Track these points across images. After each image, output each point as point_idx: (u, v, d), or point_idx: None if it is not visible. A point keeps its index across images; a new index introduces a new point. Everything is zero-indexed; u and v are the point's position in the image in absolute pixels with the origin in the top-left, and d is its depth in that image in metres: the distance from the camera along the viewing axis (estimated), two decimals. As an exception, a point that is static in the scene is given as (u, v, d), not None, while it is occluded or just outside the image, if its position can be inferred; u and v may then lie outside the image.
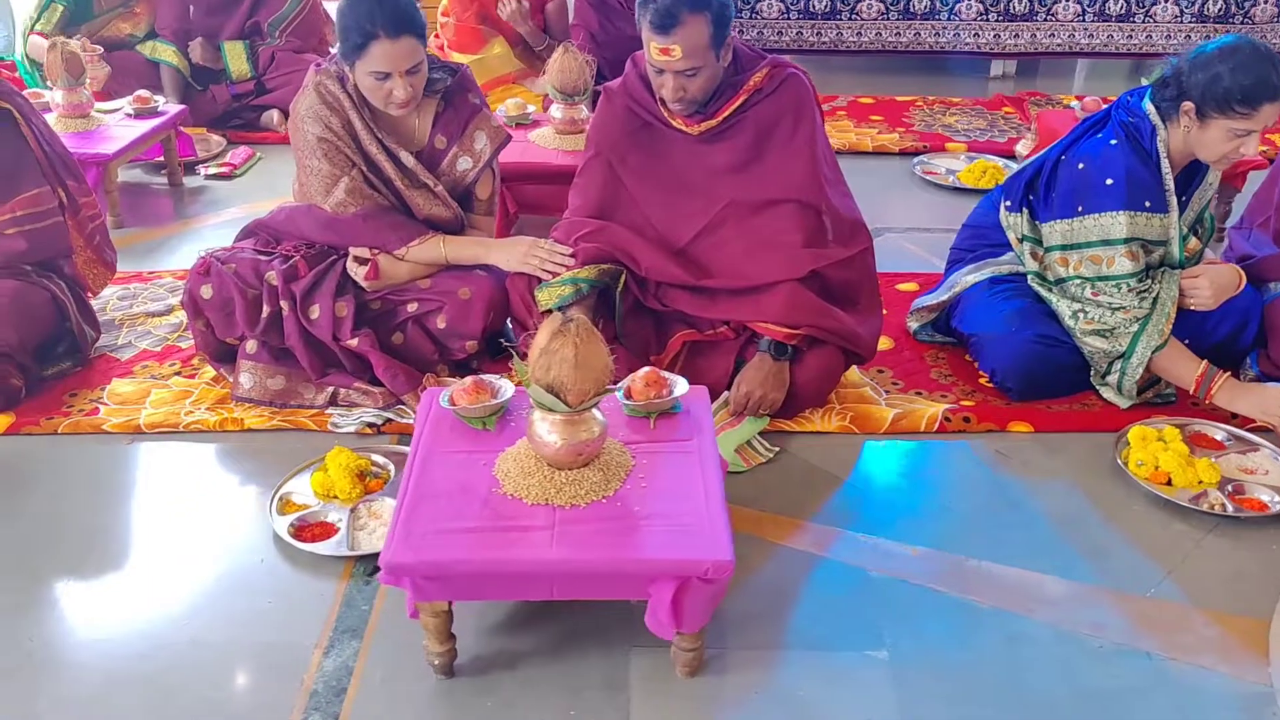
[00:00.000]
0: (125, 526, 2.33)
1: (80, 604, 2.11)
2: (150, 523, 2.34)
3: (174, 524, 2.33)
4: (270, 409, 2.67)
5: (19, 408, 2.66)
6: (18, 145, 2.69)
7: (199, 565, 2.21)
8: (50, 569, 2.19)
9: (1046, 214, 2.83)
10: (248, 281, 2.68)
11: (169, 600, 2.12)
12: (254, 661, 1.98)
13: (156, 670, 1.96)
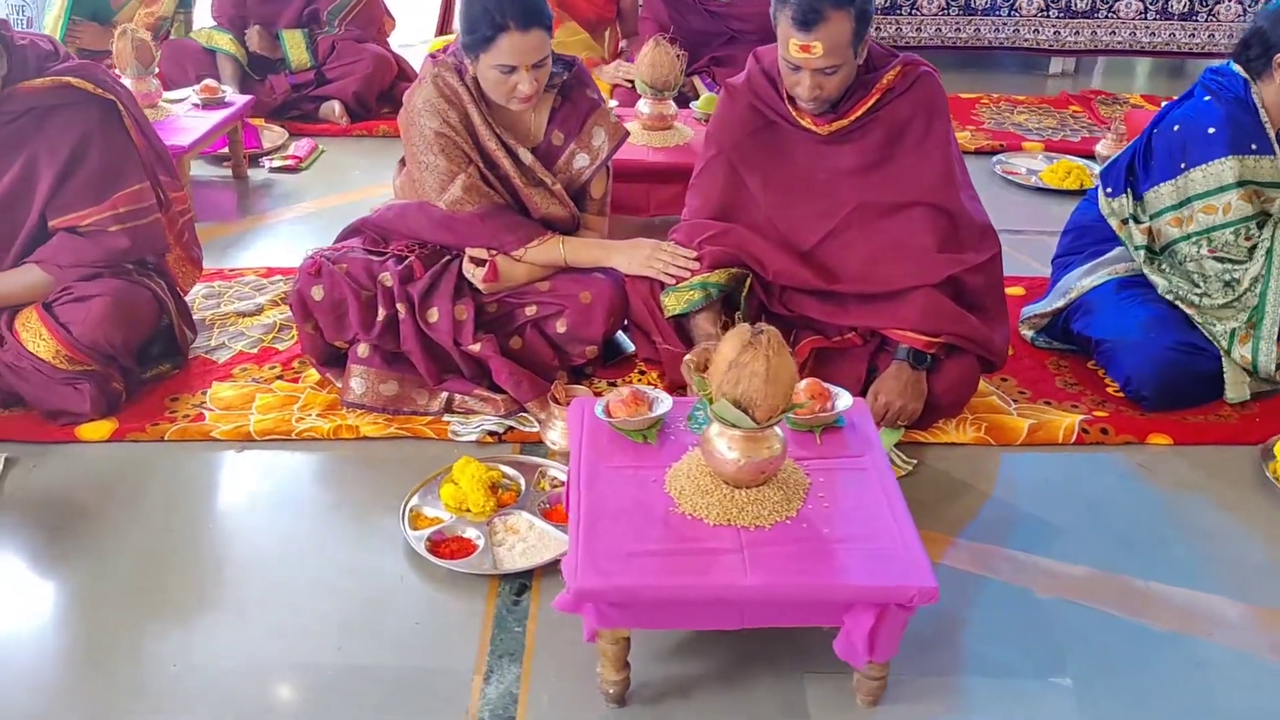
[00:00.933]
0: (249, 540, 2.23)
1: (219, 624, 2.00)
2: (275, 536, 2.23)
3: (300, 538, 2.23)
4: (383, 415, 2.57)
5: (120, 413, 2.55)
6: (122, 139, 2.57)
7: (336, 582, 2.11)
8: (180, 586, 2.09)
9: (1148, 183, 2.85)
10: (361, 283, 2.57)
11: (311, 620, 2.02)
12: (414, 688, 1.88)
13: (311, 695, 1.86)
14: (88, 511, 2.28)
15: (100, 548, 2.18)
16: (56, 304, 2.49)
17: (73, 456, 2.45)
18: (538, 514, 2.26)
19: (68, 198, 2.50)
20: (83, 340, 2.46)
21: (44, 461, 2.42)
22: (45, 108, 2.47)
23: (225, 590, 2.09)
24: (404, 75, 4.69)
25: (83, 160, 2.50)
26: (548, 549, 2.18)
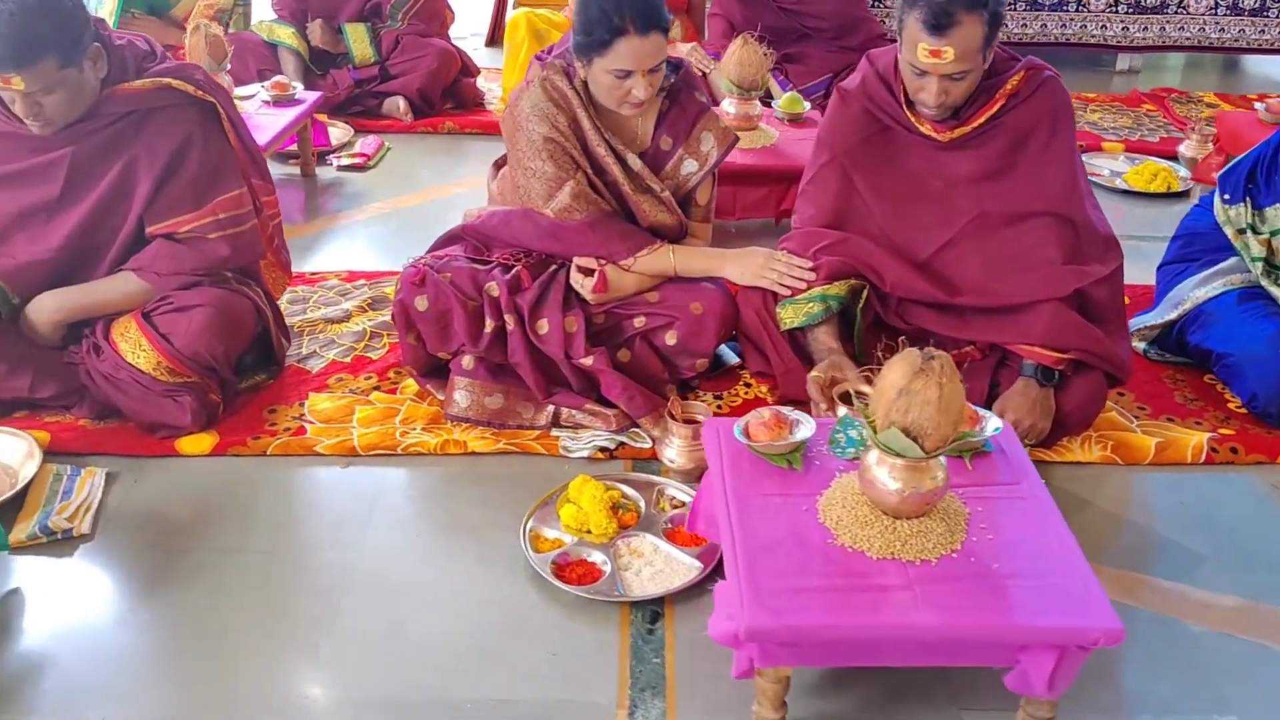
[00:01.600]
0: (366, 562, 2.14)
1: (346, 652, 1.93)
2: (391, 558, 2.15)
3: (417, 559, 2.16)
4: (489, 429, 2.49)
5: (219, 425, 2.48)
6: (220, 142, 2.48)
7: (461, 608, 2.03)
8: (299, 611, 2.01)
9: (1271, 199, 2.75)
10: (466, 293, 2.49)
11: (439, 649, 1.94)
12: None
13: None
14: (195, 530, 2.21)
15: (212, 569, 2.11)
16: (156, 314, 2.41)
17: (174, 471, 2.38)
18: (661, 536, 2.18)
19: (166, 203, 2.42)
20: (184, 351, 2.38)
21: (144, 476, 2.35)
22: (144, 110, 2.39)
23: (347, 616, 2.01)
24: (466, 71, 4.61)
25: (182, 164, 2.42)
26: (676, 574, 2.10)
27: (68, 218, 2.42)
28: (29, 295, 2.47)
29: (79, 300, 2.45)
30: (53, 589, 2.06)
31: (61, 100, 2.27)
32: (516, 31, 4.47)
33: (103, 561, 2.12)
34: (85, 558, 2.13)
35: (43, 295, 2.46)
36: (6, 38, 2.13)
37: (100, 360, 2.42)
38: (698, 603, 2.05)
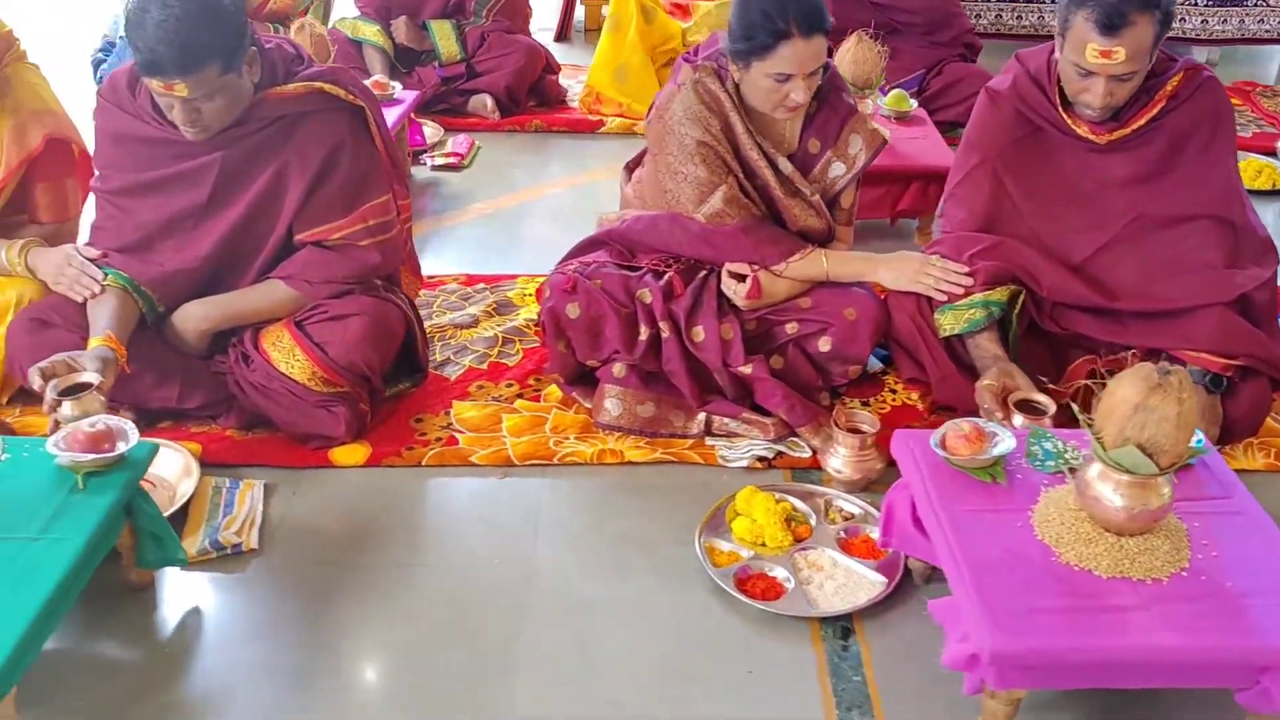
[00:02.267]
0: (544, 579, 2.10)
1: (540, 673, 1.89)
2: (569, 573, 2.12)
3: (595, 574, 2.11)
4: (640, 438, 2.46)
5: (369, 435, 2.44)
6: (369, 147, 2.44)
7: (646, 623, 2.00)
8: (484, 629, 1.97)
9: None
10: (619, 300, 2.45)
11: (633, 667, 1.91)
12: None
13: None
14: (362, 543, 2.18)
15: (385, 584, 2.07)
16: (309, 323, 2.37)
17: (330, 483, 2.34)
18: (837, 548, 2.15)
19: (316, 210, 2.38)
20: (339, 361, 2.34)
21: (302, 489, 2.32)
22: (295, 115, 2.35)
23: (532, 633, 1.97)
24: (549, 68, 4.56)
25: (333, 170, 2.38)
26: (860, 588, 2.06)
27: (216, 225, 2.38)
28: (175, 303, 2.43)
29: (227, 309, 2.42)
30: (229, 606, 2.03)
31: (220, 106, 2.23)
32: (625, 6, 4.40)
33: (274, 577, 2.09)
34: (257, 573, 2.10)
35: (190, 304, 2.42)
36: (171, 43, 2.09)
37: (250, 370, 2.39)
38: (886, 617, 2.02)
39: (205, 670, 1.89)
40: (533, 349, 2.80)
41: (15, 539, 1.74)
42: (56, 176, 2.61)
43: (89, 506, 1.82)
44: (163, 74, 2.12)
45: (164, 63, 2.11)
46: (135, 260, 2.39)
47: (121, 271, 2.37)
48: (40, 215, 2.62)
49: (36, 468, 1.90)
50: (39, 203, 2.61)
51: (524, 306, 3.01)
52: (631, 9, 4.39)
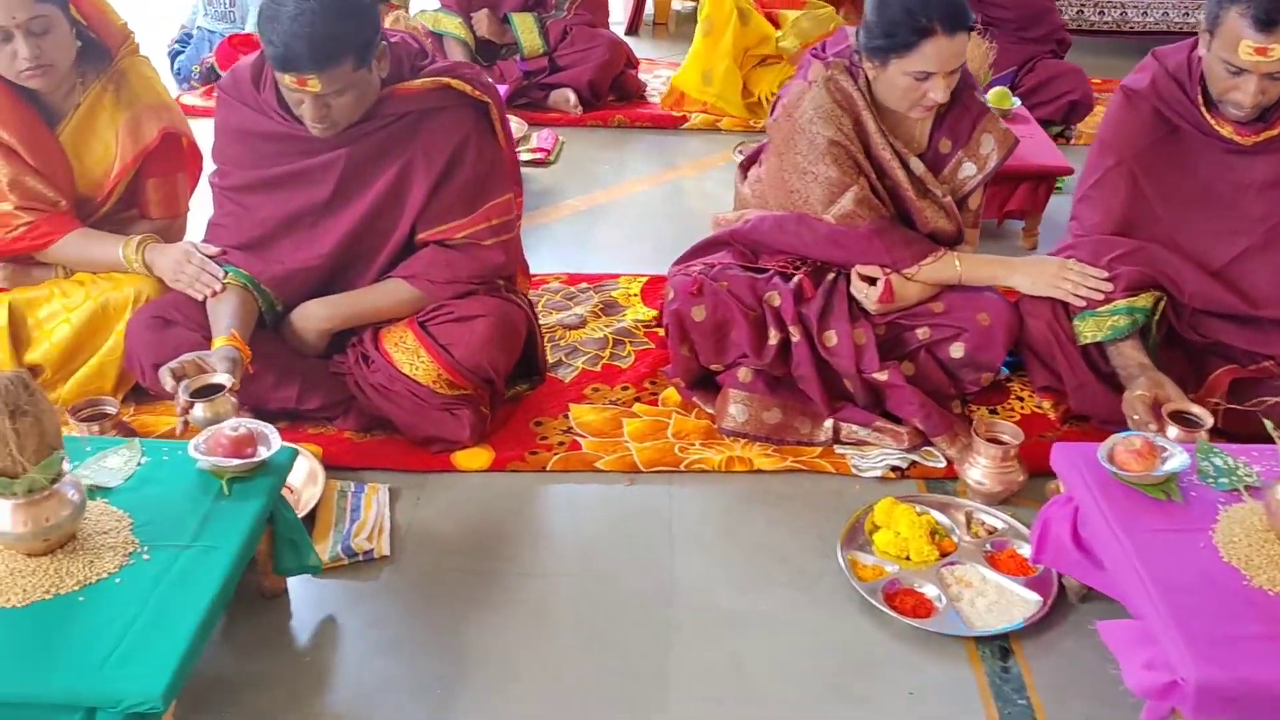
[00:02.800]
0: (686, 594, 2.04)
1: (691, 688, 1.83)
2: (710, 586, 2.05)
3: (736, 587, 2.05)
4: (766, 445, 2.39)
5: (491, 439, 2.39)
6: (493, 145, 2.38)
7: (795, 639, 1.94)
8: (634, 645, 1.92)
9: None
10: (746, 303, 2.38)
11: (786, 684, 1.85)
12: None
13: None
14: (495, 551, 2.12)
15: (524, 593, 2.02)
16: (433, 324, 2.32)
17: (455, 488, 2.29)
18: (985, 564, 2.08)
19: (440, 208, 2.32)
20: (465, 363, 2.29)
21: (427, 494, 2.27)
22: (420, 111, 2.29)
23: (681, 647, 1.91)
24: (629, 62, 4.49)
25: (458, 168, 2.32)
26: (1014, 606, 1.99)
27: (337, 222, 2.33)
28: (293, 302, 2.39)
29: (349, 308, 2.37)
30: (364, 614, 1.98)
31: (349, 102, 2.17)
32: (720, 8, 4.31)
33: (407, 585, 2.04)
34: (389, 581, 2.05)
35: (310, 303, 2.38)
36: (307, 38, 2.04)
37: (371, 371, 2.34)
38: (1044, 637, 1.95)
39: (348, 682, 1.84)
40: (644, 351, 2.74)
41: (167, 547, 1.69)
42: (168, 171, 2.56)
43: (237, 513, 1.77)
44: (296, 69, 2.07)
45: (298, 57, 2.05)
46: (255, 258, 2.35)
47: (242, 269, 2.33)
48: (151, 211, 2.58)
49: (178, 472, 1.85)
50: (150, 198, 2.56)
51: (629, 307, 2.95)
52: (727, 12, 4.29)
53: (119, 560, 1.66)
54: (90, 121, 2.46)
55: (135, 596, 1.60)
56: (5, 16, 2.23)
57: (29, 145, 2.39)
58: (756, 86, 4.36)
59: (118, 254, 2.42)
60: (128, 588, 1.62)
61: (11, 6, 2.23)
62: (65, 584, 1.61)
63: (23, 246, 2.42)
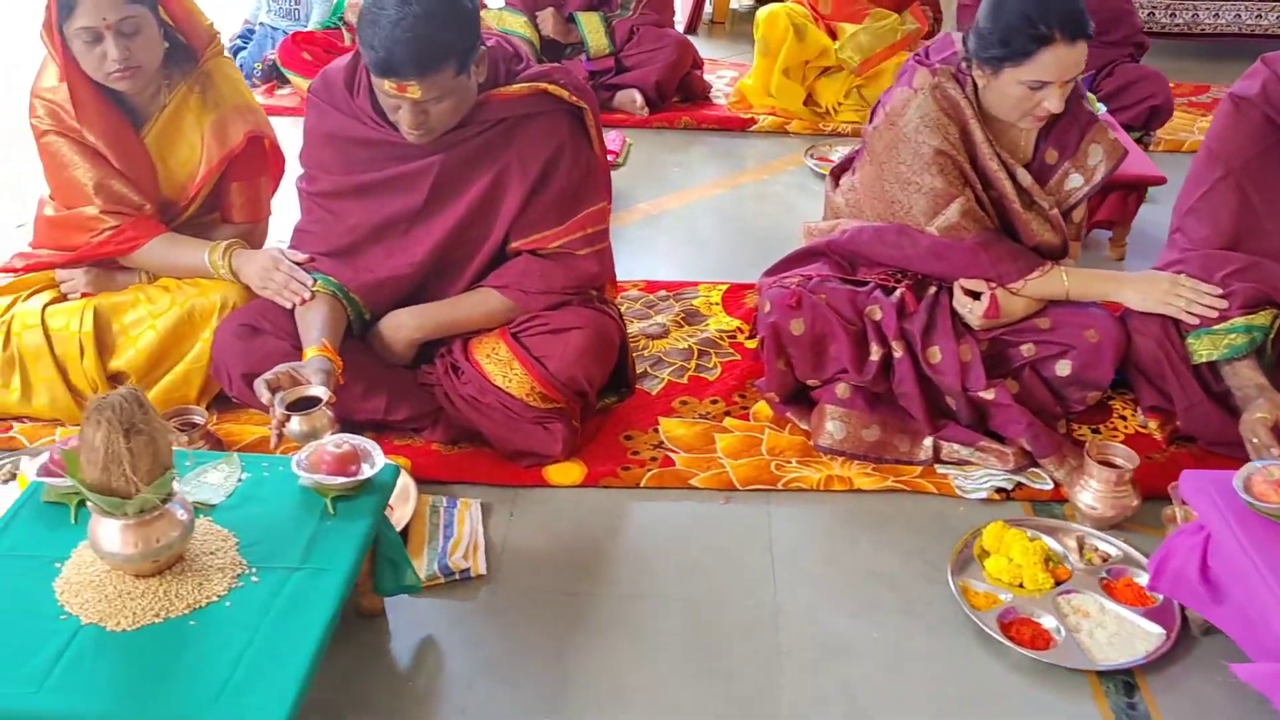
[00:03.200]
0: (786, 613, 1.98)
1: (803, 716, 1.79)
2: (811, 608, 1.99)
3: (840, 611, 1.99)
4: (864, 463, 2.33)
5: (581, 453, 2.33)
6: (588, 152, 2.31)
7: (910, 671, 1.87)
8: (739, 671, 1.85)
9: None
10: (846, 316, 2.32)
11: (902, 719, 1.79)
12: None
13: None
14: (592, 571, 2.06)
15: (627, 616, 1.96)
16: (526, 335, 2.26)
17: (547, 503, 2.23)
18: (1101, 592, 2.01)
19: (534, 217, 2.26)
20: (559, 376, 2.23)
21: (519, 509, 2.21)
22: (516, 117, 2.23)
23: (792, 675, 1.85)
24: (694, 63, 4.42)
25: (553, 175, 2.26)
26: (1135, 638, 1.91)
27: (429, 230, 2.27)
28: (381, 311, 2.34)
29: (439, 318, 2.32)
30: (464, 636, 1.92)
31: (447, 108, 2.12)
32: (775, 27, 4.23)
33: (505, 605, 1.98)
34: (487, 601, 1.99)
35: (399, 312, 2.33)
36: (410, 43, 1.98)
37: (461, 382, 2.29)
38: (1168, 672, 1.87)
39: (451, 705, 1.79)
40: (731, 363, 2.68)
41: (275, 569, 1.64)
42: (252, 175, 2.52)
43: (345, 533, 1.72)
44: (398, 75, 2.01)
45: (400, 63, 2.00)
46: (344, 265, 2.30)
47: (331, 277, 2.28)
48: (234, 215, 2.54)
49: (279, 488, 1.81)
50: (233, 202, 2.52)
51: (711, 316, 2.89)
52: (782, 30, 4.21)
53: (228, 582, 1.62)
54: (176, 124, 2.42)
55: (247, 621, 1.56)
56: (95, 17, 2.20)
57: (115, 148, 2.36)
58: (822, 96, 4.28)
59: (203, 259, 2.38)
60: (239, 611, 1.58)
61: (102, 7, 2.20)
62: (175, 607, 1.57)
63: (108, 251, 2.39)
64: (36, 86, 2.36)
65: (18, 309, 2.37)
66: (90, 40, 2.22)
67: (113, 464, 1.51)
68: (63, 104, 2.31)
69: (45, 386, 2.33)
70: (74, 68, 2.28)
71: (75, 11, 2.20)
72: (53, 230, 2.44)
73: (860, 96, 4.23)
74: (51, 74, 2.34)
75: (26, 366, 2.33)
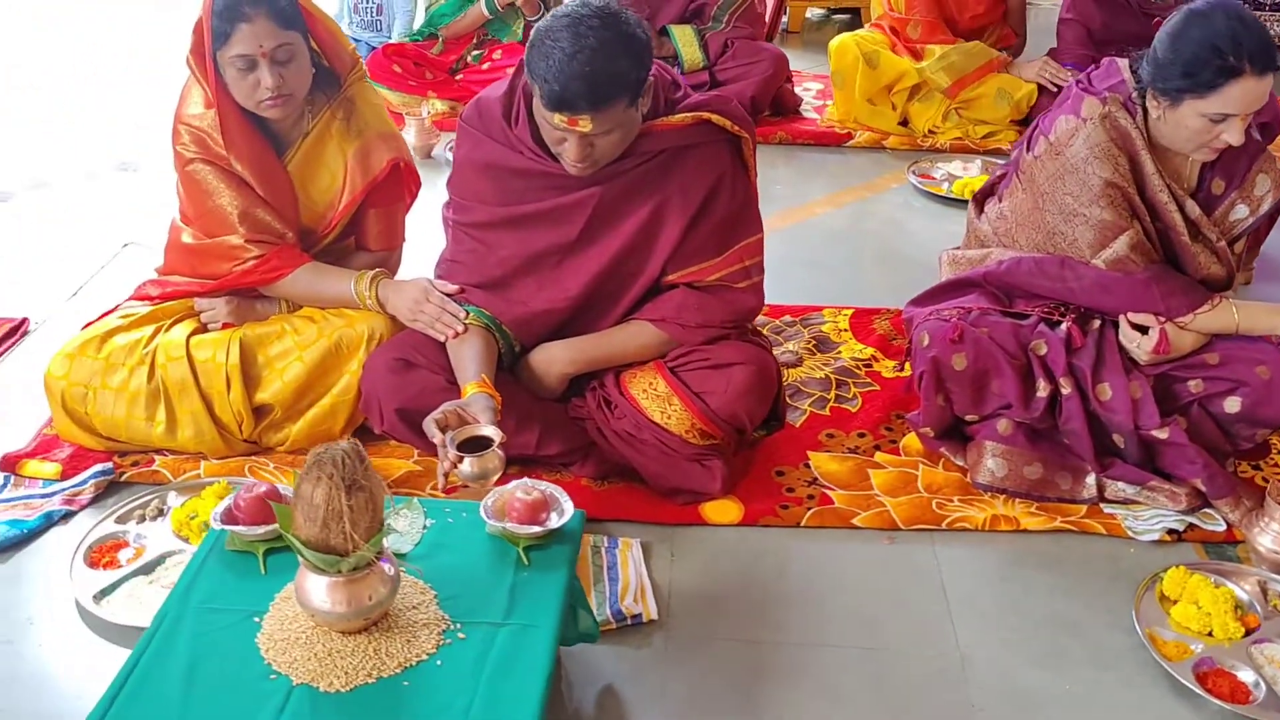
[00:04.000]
0: (975, 665, 1.92)
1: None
2: (999, 660, 1.93)
3: (1029, 661, 1.92)
4: (1026, 501, 2.27)
5: (735, 490, 2.28)
6: (745, 181, 2.26)
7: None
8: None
9: None
10: (1010, 352, 2.26)
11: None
12: None
13: None
14: (766, 618, 2.00)
15: (810, 667, 1.90)
16: (685, 370, 2.21)
17: (707, 543, 2.18)
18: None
19: (691, 249, 2.20)
20: (720, 413, 2.18)
21: (679, 549, 2.16)
22: (677, 148, 2.18)
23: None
24: (786, 77, 4.36)
25: (713, 206, 2.20)
26: (1339, 693, 1.86)
27: (584, 263, 2.22)
28: (531, 344, 2.29)
29: (593, 352, 2.26)
30: (645, 685, 1.86)
31: (615, 141, 2.06)
32: (844, 59, 4.17)
33: (683, 654, 1.92)
34: (663, 649, 1.93)
35: (551, 345, 2.28)
36: (586, 77, 1.92)
37: (615, 417, 2.24)
38: (1376, 728, 1.82)
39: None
40: (870, 393, 2.62)
41: (479, 624, 1.60)
42: (391, 202, 2.48)
43: (543, 586, 1.67)
44: (572, 109, 1.96)
45: (576, 98, 1.94)
46: (496, 298, 2.25)
47: (484, 309, 2.24)
48: (370, 242, 2.49)
49: (467, 536, 1.76)
50: (370, 230, 2.48)
51: (842, 343, 2.83)
52: (851, 60, 4.15)
53: (434, 639, 1.57)
54: (318, 150, 2.37)
55: (461, 682, 1.51)
56: (252, 45, 2.16)
57: (260, 176, 2.32)
58: (916, 120, 4.19)
59: (349, 289, 2.33)
60: (450, 671, 1.53)
61: (260, 35, 2.15)
62: (387, 666, 1.52)
63: (252, 280, 2.35)
64: (181, 113, 2.32)
65: (161, 340, 2.32)
66: (245, 68, 2.18)
67: (333, 521, 1.46)
68: (209, 131, 2.27)
69: (190, 419, 2.28)
70: (224, 95, 2.24)
71: (231, 39, 2.15)
72: (192, 258, 2.40)
73: (958, 116, 4.16)
74: (196, 100, 2.30)
75: (172, 399, 2.28)
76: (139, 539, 2.11)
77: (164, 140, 2.37)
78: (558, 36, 1.95)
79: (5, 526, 2.13)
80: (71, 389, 2.28)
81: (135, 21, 5.56)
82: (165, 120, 2.35)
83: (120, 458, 2.33)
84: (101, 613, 1.94)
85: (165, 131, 2.34)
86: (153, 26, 5.42)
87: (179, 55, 2.30)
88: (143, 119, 4.22)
